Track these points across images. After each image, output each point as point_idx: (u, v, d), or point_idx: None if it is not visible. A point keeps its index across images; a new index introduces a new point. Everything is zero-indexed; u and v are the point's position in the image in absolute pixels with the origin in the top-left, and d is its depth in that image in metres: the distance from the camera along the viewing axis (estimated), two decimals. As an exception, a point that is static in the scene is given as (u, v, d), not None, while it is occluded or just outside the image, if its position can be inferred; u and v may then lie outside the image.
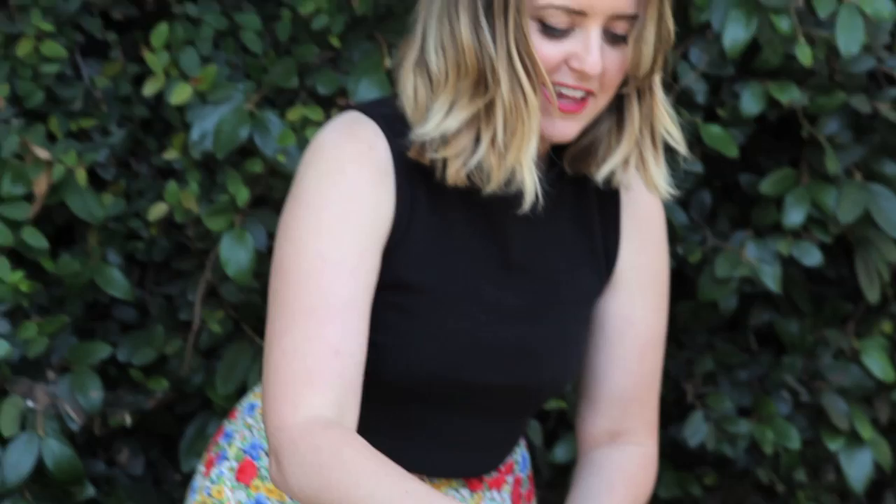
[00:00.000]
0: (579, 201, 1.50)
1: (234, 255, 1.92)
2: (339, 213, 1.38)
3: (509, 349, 1.45)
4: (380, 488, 1.27)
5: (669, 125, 1.44)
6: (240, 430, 1.57)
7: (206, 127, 1.92)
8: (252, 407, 1.58)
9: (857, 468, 2.31)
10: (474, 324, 1.44)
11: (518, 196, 1.40)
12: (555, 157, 1.47)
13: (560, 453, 2.30)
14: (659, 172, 1.44)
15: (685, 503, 2.61)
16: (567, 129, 1.39)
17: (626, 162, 1.44)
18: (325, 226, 1.37)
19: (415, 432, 1.47)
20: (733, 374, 2.33)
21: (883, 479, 2.56)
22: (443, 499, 1.25)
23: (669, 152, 1.48)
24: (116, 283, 1.97)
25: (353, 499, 1.27)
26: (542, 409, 2.32)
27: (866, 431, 2.29)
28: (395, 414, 1.46)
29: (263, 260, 1.94)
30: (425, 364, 1.42)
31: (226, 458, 1.56)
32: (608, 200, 1.52)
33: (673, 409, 2.36)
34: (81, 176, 1.91)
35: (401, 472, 1.28)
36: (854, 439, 2.31)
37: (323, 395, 1.33)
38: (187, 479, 2.17)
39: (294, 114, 1.92)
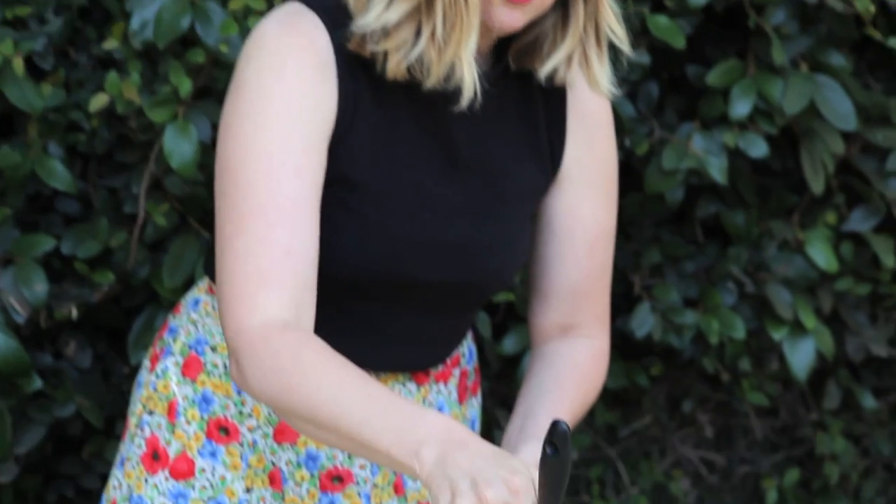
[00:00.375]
0: (525, 98, 1.49)
1: (178, 146, 1.90)
2: (282, 110, 1.36)
3: (454, 246, 1.45)
4: (342, 392, 1.27)
5: (614, 24, 1.43)
6: (184, 326, 1.57)
7: (146, 16, 1.89)
8: (196, 302, 1.57)
9: (800, 357, 2.35)
10: (418, 221, 1.43)
11: (459, 92, 1.39)
12: (499, 55, 1.46)
13: (508, 345, 2.32)
14: (602, 71, 1.43)
15: (632, 393, 2.64)
16: (513, 18, 1.37)
17: (569, 59, 1.43)
18: (270, 123, 1.36)
19: (360, 328, 1.48)
20: (679, 266, 2.35)
21: (825, 367, 2.60)
22: (404, 401, 1.26)
23: (616, 49, 1.47)
24: (58, 175, 1.95)
25: (314, 402, 1.28)
26: (491, 301, 2.33)
27: (809, 321, 2.32)
28: (340, 310, 1.46)
29: (208, 152, 1.92)
30: (369, 261, 1.42)
31: (171, 353, 1.56)
32: (554, 98, 1.51)
33: (620, 300, 2.38)
34: (18, 65, 1.87)
35: (362, 376, 1.29)
36: (797, 329, 2.34)
37: (278, 296, 1.33)
38: (136, 371, 2.18)
39: (236, 3, 1.89)
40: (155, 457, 1.53)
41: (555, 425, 1.14)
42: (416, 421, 1.22)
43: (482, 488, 1.14)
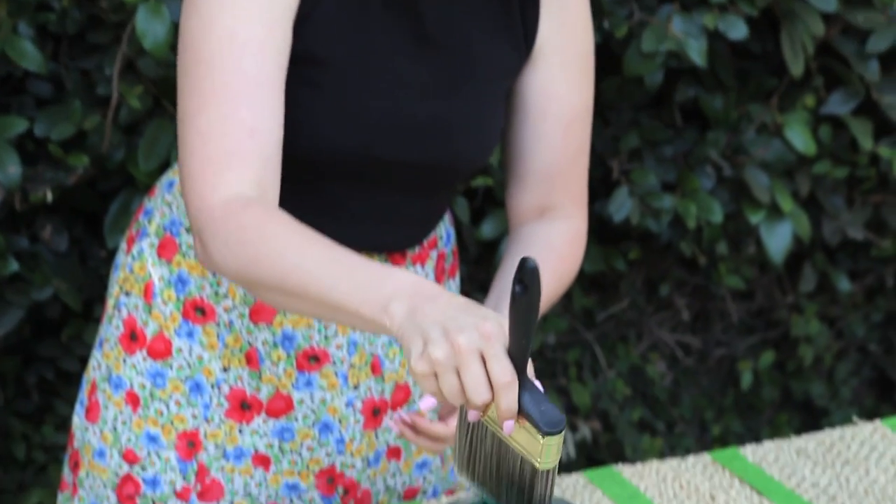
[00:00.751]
0: (497, -26, 1.47)
1: (151, 27, 1.87)
2: None
3: (423, 125, 1.44)
4: (307, 258, 1.26)
5: None
6: (159, 208, 1.56)
7: None
8: (171, 184, 1.57)
9: (777, 240, 2.35)
10: (387, 99, 1.42)
11: None
12: None
13: (487, 230, 2.32)
14: None
15: (609, 277, 2.66)
16: None
17: None
18: (233, 0, 1.34)
19: (332, 209, 1.47)
20: (658, 150, 2.34)
21: (801, 251, 2.62)
22: (371, 262, 1.25)
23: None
24: (29, 55, 1.92)
25: (281, 271, 1.27)
26: (469, 186, 2.33)
27: (786, 204, 2.32)
28: (310, 191, 1.45)
29: (181, 33, 1.89)
30: (337, 140, 1.41)
31: (146, 235, 1.56)
32: None
33: (598, 185, 2.38)
34: (-14, -57, 1.84)
35: (327, 241, 1.28)
36: (774, 212, 2.35)
37: (241, 173, 1.32)
38: (112, 255, 2.18)
39: None
40: (132, 337, 1.54)
41: (523, 262, 1.12)
42: (384, 278, 1.22)
43: (454, 335, 1.13)
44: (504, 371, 1.13)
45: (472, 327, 1.14)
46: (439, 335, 1.14)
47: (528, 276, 1.12)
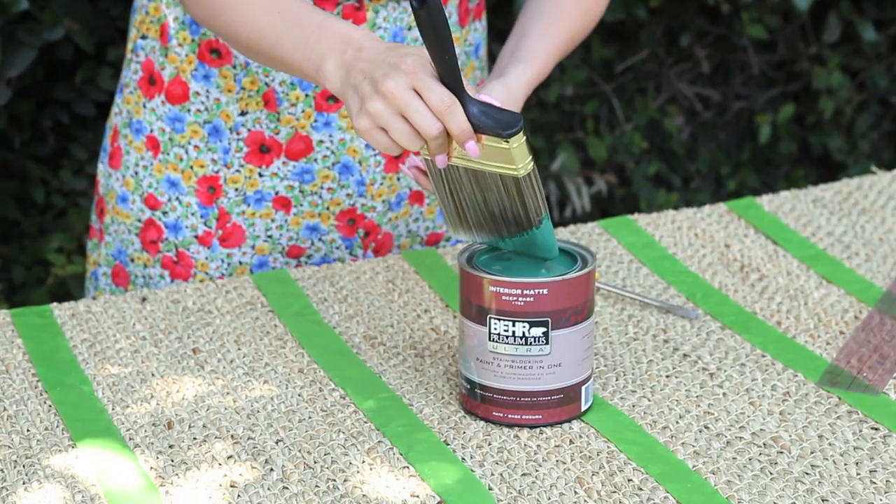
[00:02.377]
0: None
1: None
2: None
3: None
4: (254, 11, 1.28)
5: None
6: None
7: None
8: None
9: (803, -12, 2.30)
10: None
11: None
12: None
13: (506, -25, 2.27)
14: None
15: (629, 27, 2.61)
16: None
17: None
18: None
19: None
20: None
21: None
22: (310, 14, 1.25)
23: None
24: None
25: (233, 24, 1.30)
26: (488, -72, 2.27)
27: (815, -49, 2.26)
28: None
29: None
30: None
31: (160, -26, 1.52)
32: None
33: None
34: None
35: None
36: (802, -42, 2.29)
37: None
38: (124, -3, 2.14)
39: None
40: (151, 81, 1.52)
41: None
42: (319, 35, 1.22)
43: (381, 84, 1.14)
44: (440, 97, 1.13)
45: (395, 69, 1.14)
46: (370, 89, 1.15)
47: None
